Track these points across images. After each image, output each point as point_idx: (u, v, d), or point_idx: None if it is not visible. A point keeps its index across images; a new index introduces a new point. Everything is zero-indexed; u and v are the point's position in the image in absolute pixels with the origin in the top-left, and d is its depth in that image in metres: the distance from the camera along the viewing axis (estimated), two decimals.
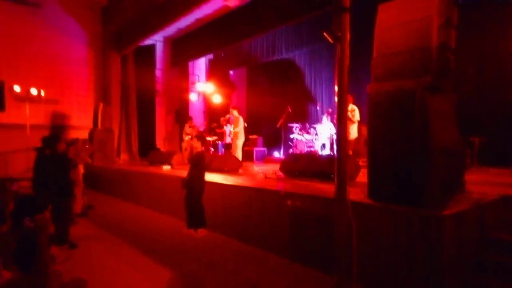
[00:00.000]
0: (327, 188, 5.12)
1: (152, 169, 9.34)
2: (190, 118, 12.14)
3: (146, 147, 13.42)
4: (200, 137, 6.27)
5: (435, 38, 3.37)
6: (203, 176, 5.98)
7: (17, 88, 11.11)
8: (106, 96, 13.30)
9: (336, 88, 2.88)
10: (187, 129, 11.47)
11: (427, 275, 3.27)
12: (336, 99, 2.87)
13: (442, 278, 3.23)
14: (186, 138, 11.27)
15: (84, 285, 3.15)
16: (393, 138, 3.66)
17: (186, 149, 11.05)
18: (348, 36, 2.76)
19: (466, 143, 6.66)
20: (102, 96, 13.38)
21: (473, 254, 3.65)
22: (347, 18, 2.71)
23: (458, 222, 3.40)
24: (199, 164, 5.93)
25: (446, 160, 3.59)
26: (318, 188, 5.17)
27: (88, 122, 12.67)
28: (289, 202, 4.66)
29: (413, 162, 3.48)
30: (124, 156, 13.62)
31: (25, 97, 11.31)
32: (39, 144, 5.68)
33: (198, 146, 6.12)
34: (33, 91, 11.41)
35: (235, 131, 10.02)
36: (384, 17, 3.75)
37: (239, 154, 9.84)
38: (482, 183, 4.97)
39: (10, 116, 11.12)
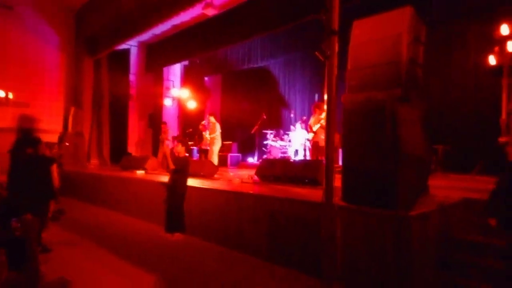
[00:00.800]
0: (303, 192, 5.37)
1: (126, 174, 9.27)
2: (164, 123, 12.06)
3: (118, 152, 13.23)
4: (183, 142, 6.29)
5: (404, 54, 3.67)
6: (186, 181, 6.02)
7: None
8: (77, 100, 13.05)
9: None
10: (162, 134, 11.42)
11: (397, 272, 3.53)
12: (325, 107, 3.15)
13: (411, 275, 3.50)
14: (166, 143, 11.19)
15: (68, 285, 3.17)
16: (365, 144, 3.92)
17: (165, 155, 10.94)
18: (336, 55, 3.04)
19: (432, 150, 7.13)
20: (73, 100, 13.11)
21: (438, 253, 3.95)
22: (335, 40, 3.00)
23: (424, 222, 3.69)
24: (183, 170, 5.96)
25: (414, 165, 3.89)
26: (294, 192, 5.38)
27: (58, 126, 12.38)
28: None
29: (384, 167, 3.74)
30: (94, 161, 13.37)
31: None
32: (7, 147, 5.53)
33: (181, 151, 6.14)
34: (1, 93, 11.04)
35: (211, 137, 10.14)
36: (358, 33, 4.03)
37: (215, 160, 9.95)
38: (445, 187, 5.34)
39: None
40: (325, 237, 3.12)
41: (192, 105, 14.78)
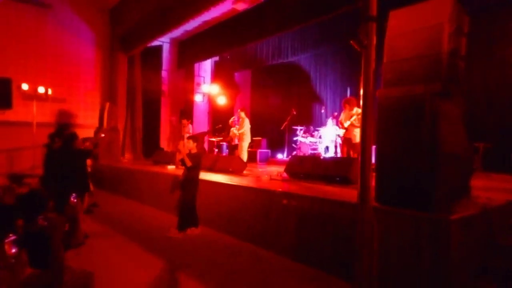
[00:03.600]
0: (334, 191, 5.20)
1: (157, 169, 9.40)
2: (183, 119, 11.94)
3: (151, 147, 13.50)
4: (194, 138, 6.24)
5: (445, 45, 3.42)
6: (198, 176, 6.04)
7: (25, 86, 11.17)
8: (112, 96, 13.38)
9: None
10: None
11: (434, 279, 3.31)
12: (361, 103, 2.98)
13: (449, 282, 3.27)
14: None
15: (91, 278, 3.19)
16: (401, 142, 3.70)
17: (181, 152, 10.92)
18: (374, 44, 2.83)
19: (473, 148, 6.71)
20: (108, 96, 13.46)
21: (479, 259, 3.68)
22: (373, 27, 2.79)
23: (465, 227, 3.44)
24: (196, 166, 5.94)
25: (454, 165, 3.63)
26: (324, 191, 5.21)
27: (93, 121, 12.74)
28: (284, 201, 4.75)
29: (421, 166, 3.52)
30: (128, 156, 13.69)
31: (32, 95, 11.38)
32: (45, 141, 5.73)
33: (193, 147, 6.08)
34: (41, 90, 11.47)
35: (240, 132, 10.09)
36: (395, 23, 3.80)
37: (244, 156, 9.90)
38: (487, 188, 5.00)
39: (17, 114, 11.19)
40: (359, 241, 2.93)
41: (222, 100, 14.84)
